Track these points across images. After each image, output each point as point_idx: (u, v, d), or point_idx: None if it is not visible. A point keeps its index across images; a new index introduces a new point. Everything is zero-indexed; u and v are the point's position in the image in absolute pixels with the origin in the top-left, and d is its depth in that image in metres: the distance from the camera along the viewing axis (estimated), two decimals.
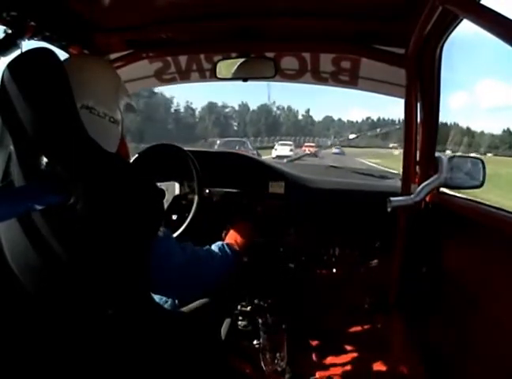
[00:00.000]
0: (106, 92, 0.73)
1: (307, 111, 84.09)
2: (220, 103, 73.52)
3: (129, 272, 0.63)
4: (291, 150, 20.91)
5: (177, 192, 1.52)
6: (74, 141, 0.61)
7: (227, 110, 74.70)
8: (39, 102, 0.60)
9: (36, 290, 0.61)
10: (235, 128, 71.90)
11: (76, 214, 0.58)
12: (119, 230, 0.61)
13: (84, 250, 0.60)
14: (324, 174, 1.83)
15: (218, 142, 15.29)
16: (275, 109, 78.90)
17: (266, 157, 12.09)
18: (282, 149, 20.71)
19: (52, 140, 0.60)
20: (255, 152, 11.21)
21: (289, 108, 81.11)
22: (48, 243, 0.59)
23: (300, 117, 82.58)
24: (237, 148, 12.14)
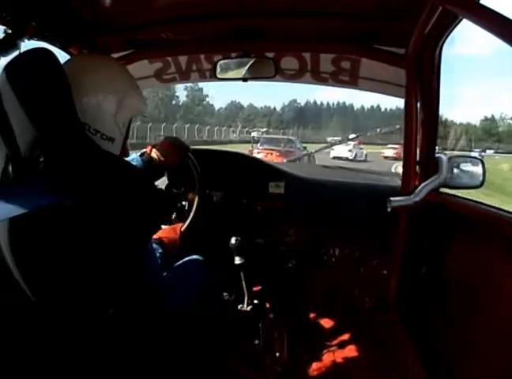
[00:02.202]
0: (103, 112, 0.71)
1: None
2: None
3: (128, 271, 0.63)
4: (349, 150, 17.00)
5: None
6: (73, 141, 0.61)
7: None
8: (37, 102, 0.60)
9: (36, 290, 0.61)
10: None
11: (75, 214, 0.58)
12: (118, 230, 0.61)
13: (84, 250, 0.60)
14: (324, 174, 1.83)
15: (261, 140, 12.31)
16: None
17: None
18: (340, 149, 16.20)
19: (50, 139, 0.60)
20: (306, 152, 8.90)
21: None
22: (47, 243, 0.59)
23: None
24: (282, 146, 10.38)
